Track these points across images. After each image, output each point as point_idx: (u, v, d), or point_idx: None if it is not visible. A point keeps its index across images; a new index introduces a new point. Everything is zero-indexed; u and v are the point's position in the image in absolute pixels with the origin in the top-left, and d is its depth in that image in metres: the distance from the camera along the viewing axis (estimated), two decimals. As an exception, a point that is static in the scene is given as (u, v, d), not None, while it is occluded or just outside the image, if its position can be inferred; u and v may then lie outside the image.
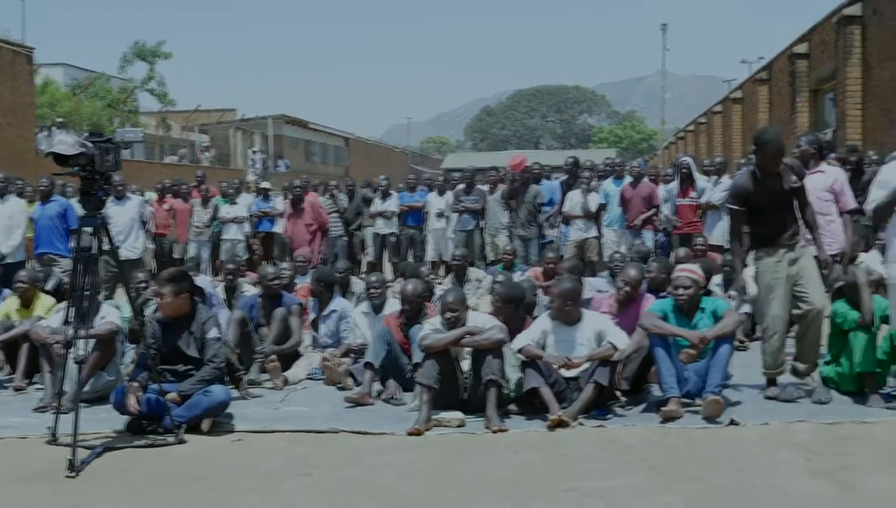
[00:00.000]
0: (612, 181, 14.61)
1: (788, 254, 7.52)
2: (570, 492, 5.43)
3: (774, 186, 7.52)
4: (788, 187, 7.51)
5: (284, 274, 10.15)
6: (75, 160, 6.28)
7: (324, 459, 6.28)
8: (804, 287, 7.46)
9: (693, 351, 7.13)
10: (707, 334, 7.18)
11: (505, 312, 8.10)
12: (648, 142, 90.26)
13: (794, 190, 7.55)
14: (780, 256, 7.52)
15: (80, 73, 45.61)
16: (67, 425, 6.26)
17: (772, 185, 7.52)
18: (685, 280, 7.55)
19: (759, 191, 7.55)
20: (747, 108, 32.07)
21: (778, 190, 7.51)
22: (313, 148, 58.62)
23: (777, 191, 7.51)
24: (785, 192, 7.54)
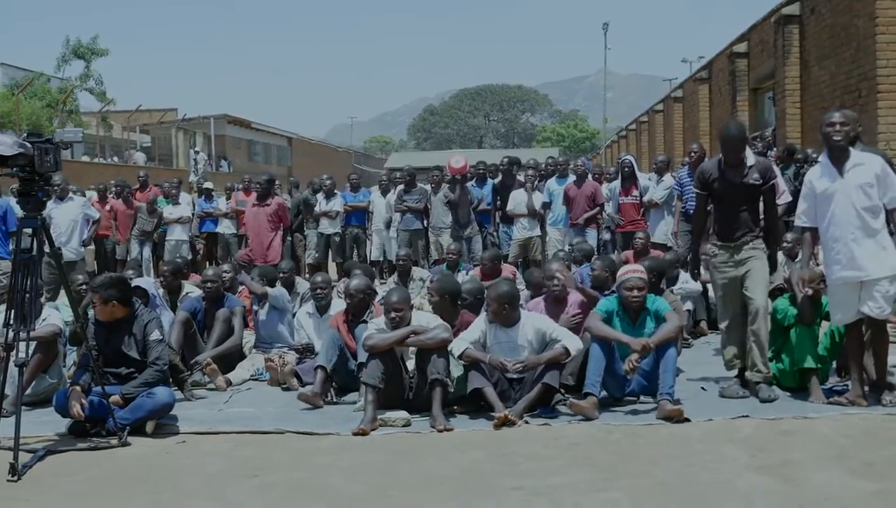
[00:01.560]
0: (556, 180, 14.69)
1: (736, 255, 7.58)
2: (516, 490, 5.45)
3: (734, 179, 7.58)
4: (749, 183, 7.56)
5: (225, 276, 10.08)
6: (14, 161, 6.19)
7: (269, 460, 6.26)
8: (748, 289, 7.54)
9: (636, 360, 7.16)
10: (650, 342, 7.18)
11: (440, 305, 8.13)
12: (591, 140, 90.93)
13: (756, 188, 7.59)
14: (729, 255, 7.60)
15: (19, 72, 44.90)
16: (9, 429, 6.17)
17: (732, 177, 7.59)
18: (638, 281, 7.54)
19: (720, 180, 7.64)
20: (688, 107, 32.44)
21: (737, 183, 7.57)
22: (256, 148, 58.29)
23: (736, 184, 7.58)
24: (746, 188, 7.58)
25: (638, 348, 7.14)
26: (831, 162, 7.20)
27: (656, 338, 7.22)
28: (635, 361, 7.14)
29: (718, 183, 7.65)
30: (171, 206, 16.92)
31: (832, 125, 7.14)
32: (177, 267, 10.92)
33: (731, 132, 7.66)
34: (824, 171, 7.25)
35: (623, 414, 7.23)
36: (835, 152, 7.18)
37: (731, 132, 7.66)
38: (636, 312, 7.58)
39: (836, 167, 7.17)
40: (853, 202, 7.05)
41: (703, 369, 8.61)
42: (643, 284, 7.56)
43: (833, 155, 7.20)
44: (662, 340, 7.21)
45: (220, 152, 49.89)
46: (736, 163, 7.60)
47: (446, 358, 7.26)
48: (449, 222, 14.61)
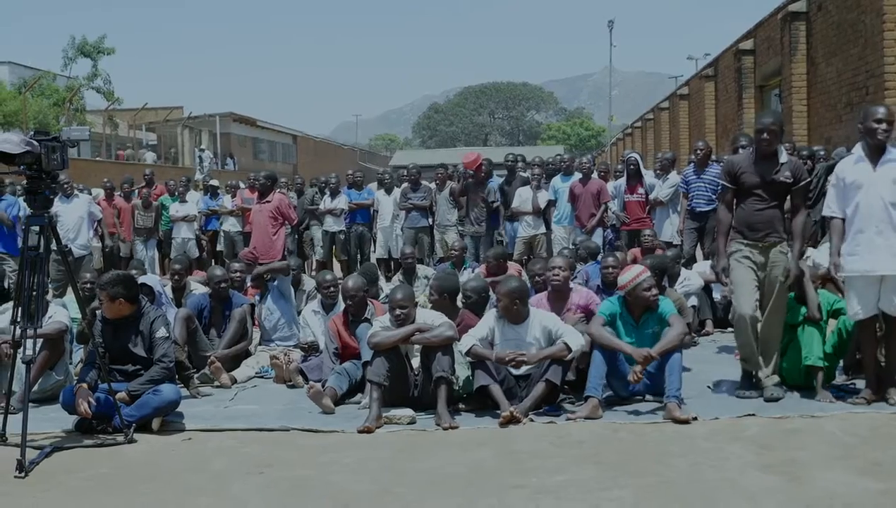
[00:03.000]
0: (561, 177, 14.67)
1: (762, 257, 7.46)
2: (521, 488, 5.46)
3: (765, 175, 7.44)
4: (780, 180, 7.42)
5: (236, 275, 10.12)
6: (21, 159, 6.22)
7: (274, 458, 6.27)
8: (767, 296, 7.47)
9: (640, 371, 7.12)
10: (653, 352, 7.13)
11: (440, 305, 8.15)
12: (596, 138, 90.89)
13: (786, 187, 7.46)
14: (754, 253, 7.47)
15: (27, 71, 44.96)
16: (16, 425, 6.21)
17: (763, 173, 7.45)
18: (650, 280, 7.51)
19: (749, 174, 7.50)
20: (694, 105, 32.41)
21: (767, 179, 7.43)
22: (261, 146, 58.33)
23: (767, 180, 7.44)
24: (775, 185, 7.45)
25: (640, 359, 7.12)
26: (867, 155, 7.17)
27: (659, 348, 7.17)
28: (639, 373, 7.12)
29: (748, 177, 7.49)
30: (178, 204, 16.96)
31: (879, 122, 7.07)
32: (184, 266, 10.97)
33: (767, 119, 7.53)
34: (858, 162, 7.20)
35: (628, 412, 7.23)
36: (874, 147, 7.15)
37: (767, 119, 7.53)
38: (639, 313, 7.56)
39: (870, 160, 7.14)
40: (882, 195, 7.00)
41: (708, 367, 8.62)
42: (655, 283, 7.58)
43: (871, 149, 7.16)
44: (666, 350, 7.17)
45: (226, 150, 49.93)
46: (769, 155, 7.47)
47: (451, 356, 7.27)
48: (454, 220, 14.60)
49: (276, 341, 9.75)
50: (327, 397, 7.49)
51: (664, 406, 7.07)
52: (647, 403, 7.45)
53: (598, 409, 7.06)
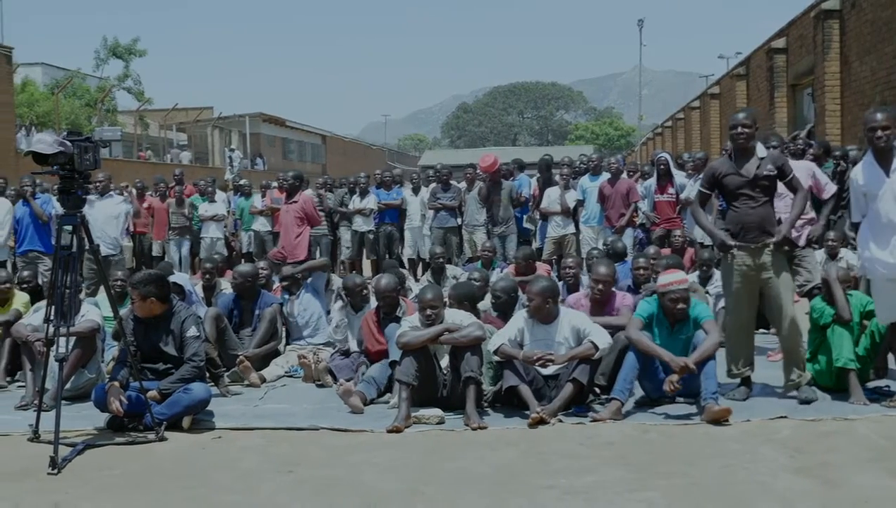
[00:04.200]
0: (589, 177, 14.63)
1: (757, 259, 7.37)
2: (550, 489, 5.45)
3: (747, 173, 7.38)
4: (763, 174, 7.35)
5: (261, 274, 10.16)
6: (54, 159, 6.29)
7: (304, 457, 6.29)
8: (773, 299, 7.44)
9: (677, 381, 7.05)
10: (689, 362, 7.05)
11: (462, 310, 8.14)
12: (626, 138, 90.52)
13: (772, 180, 7.39)
14: (748, 257, 7.38)
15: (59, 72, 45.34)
16: (49, 422, 6.26)
17: (744, 172, 7.40)
18: (683, 292, 7.41)
19: (731, 175, 7.44)
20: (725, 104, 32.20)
21: (750, 177, 7.37)
22: (290, 146, 58.55)
23: (750, 178, 7.37)
24: (760, 181, 7.37)
25: (678, 369, 7.06)
26: (877, 161, 7.12)
27: (696, 357, 7.10)
28: (676, 383, 7.07)
29: (731, 178, 7.43)
30: (207, 204, 17.05)
31: (873, 130, 7.04)
32: (215, 265, 11.02)
33: (741, 115, 7.51)
34: (868, 170, 7.15)
35: (658, 414, 7.20)
36: (880, 152, 7.10)
37: (740, 115, 7.51)
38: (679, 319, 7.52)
39: (881, 166, 7.08)
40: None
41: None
42: (687, 295, 7.45)
43: (878, 155, 7.11)
44: (702, 359, 7.11)
45: (255, 150, 50.16)
46: (747, 152, 7.41)
47: (480, 356, 7.26)
48: (483, 220, 14.62)
49: (306, 338, 9.76)
50: (356, 396, 7.50)
51: (699, 407, 7.03)
52: (678, 405, 7.41)
53: (620, 413, 7.04)
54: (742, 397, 7.47)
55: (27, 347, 8.15)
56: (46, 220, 12.40)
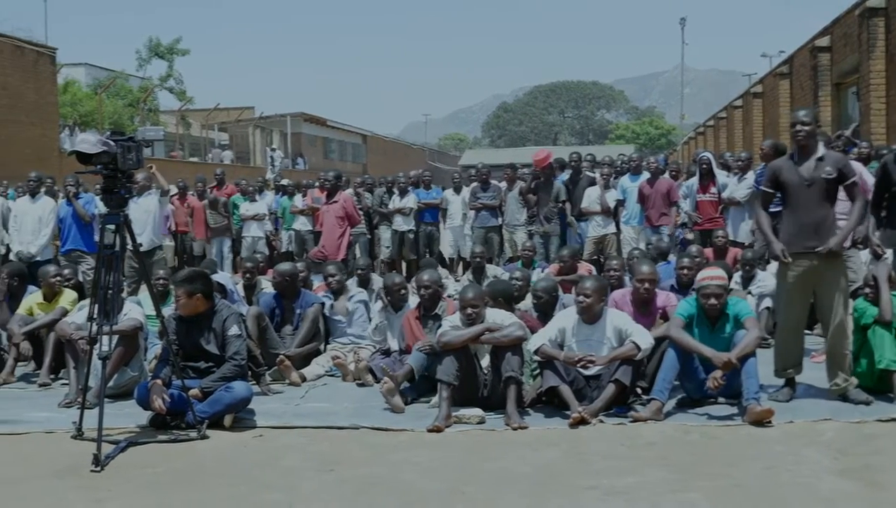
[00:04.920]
0: (629, 177, 14.55)
1: (814, 261, 7.26)
2: (591, 490, 5.43)
3: (805, 173, 7.24)
4: (822, 177, 7.19)
5: (301, 274, 10.19)
6: (98, 158, 6.34)
7: (344, 455, 6.31)
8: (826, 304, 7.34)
9: (721, 378, 6.98)
10: (733, 358, 6.99)
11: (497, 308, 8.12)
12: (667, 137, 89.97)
13: (831, 183, 7.22)
14: (800, 262, 7.29)
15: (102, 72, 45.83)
16: (92, 420, 6.34)
17: (803, 172, 7.25)
18: (716, 289, 7.35)
19: (790, 176, 7.31)
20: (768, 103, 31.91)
21: (807, 178, 7.22)
22: (331, 145, 58.75)
23: (807, 179, 7.23)
24: (818, 184, 7.22)
25: (720, 364, 7.00)
26: None
27: (738, 352, 7.04)
28: (720, 379, 7.00)
29: (789, 177, 7.31)
30: (248, 203, 17.14)
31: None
32: (256, 264, 11.06)
33: (801, 112, 7.39)
34: None
35: (700, 414, 7.14)
36: None
37: (801, 112, 7.39)
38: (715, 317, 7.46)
39: None
40: None
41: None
42: (722, 292, 7.37)
43: None
44: (745, 354, 7.05)
45: (296, 150, 50.38)
46: (807, 152, 7.28)
47: (521, 356, 7.25)
48: (523, 219, 14.59)
49: (350, 336, 9.74)
50: (398, 396, 7.51)
51: (741, 408, 6.97)
52: (720, 406, 7.35)
53: (661, 413, 7.00)
54: (785, 398, 7.39)
55: (71, 345, 8.24)
56: (89, 221, 12.52)
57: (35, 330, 9.06)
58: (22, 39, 29.09)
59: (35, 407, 7.89)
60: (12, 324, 9.12)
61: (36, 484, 5.80)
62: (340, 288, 9.89)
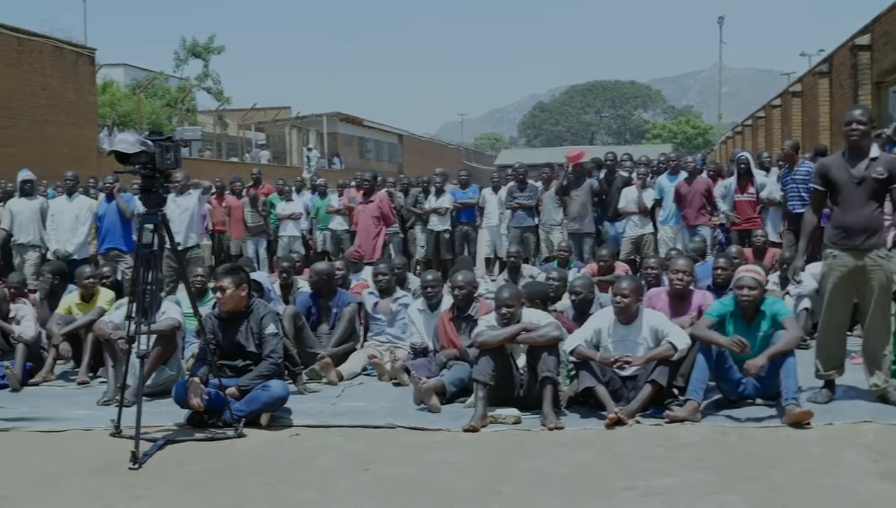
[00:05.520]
0: (667, 176, 14.46)
1: (859, 261, 7.18)
2: (628, 490, 5.40)
3: (856, 172, 7.14)
4: (872, 176, 7.08)
5: (337, 273, 10.22)
6: (136, 158, 6.39)
7: (381, 455, 6.32)
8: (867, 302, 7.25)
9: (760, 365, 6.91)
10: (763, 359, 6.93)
11: None
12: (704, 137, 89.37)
13: (881, 183, 7.10)
14: (845, 261, 7.21)
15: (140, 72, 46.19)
16: (130, 418, 6.39)
17: (854, 171, 7.15)
18: (750, 281, 7.32)
19: (840, 174, 7.21)
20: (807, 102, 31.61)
21: (858, 177, 7.12)
22: (367, 145, 58.86)
23: (858, 178, 7.12)
24: (868, 183, 7.11)
25: (735, 347, 6.98)
26: None
27: (773, 350, 6.98)
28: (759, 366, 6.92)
29: (839, 175, 7.21)
30: (285, 203, 17.20)
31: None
32: (293, 263, 11.10)
33: (856, 111, 7.29)
34: None
35: (738, 416, 7.08)
36: None
37: (856, 111, 7.29)
38: (750, 314, 7.39)
39: None
40: None
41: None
42: (755, 284, 7.32)
43: None
44: (778, 353, 6.99)
45: (333, 149, 50.54)
46: (860, 151, 7.17)
47: (557, 356, 7.23)
48: (560, 219, 14.56)
49: (388, 334, 9.74)
50: (434, 396, 7.51)
51: (779, 409, 6.91)
52: (757, 407, 7.29)
53: (697, 413, 6.95)
54: (825, 400, 7.32)
55: (109, 344, 8.32)
56: (130, 216, 12.62)
57: (74, 330, 9.14)
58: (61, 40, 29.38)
59: (74, 405, 7.98)
60: (51, 324, 9.21)
61: (75, 481, 5.85)
62: (388, 287, 9.92)
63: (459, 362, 8.00)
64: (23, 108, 26.16)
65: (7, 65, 25.71)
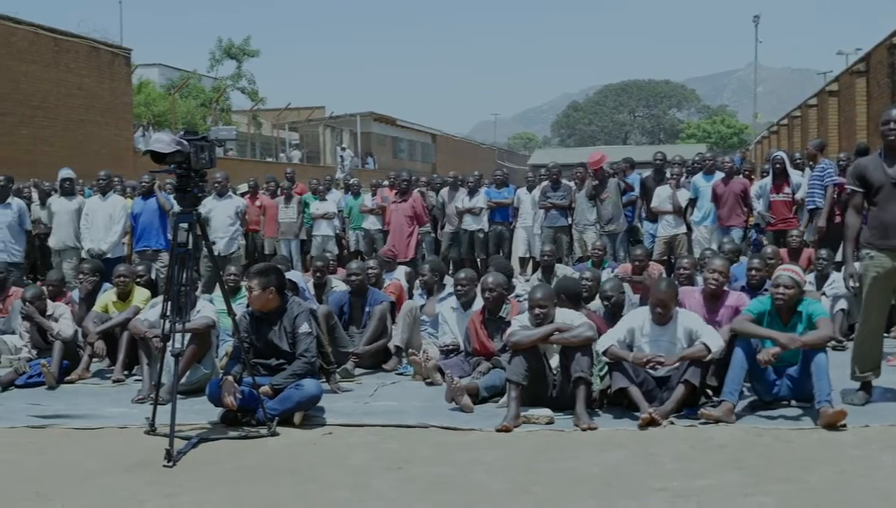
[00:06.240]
0: (703, 176, 14.35)
1: (894, 263, 7.13)
2: (661, 491, 5.37)
3: (892, 170, 7.10)
4: None
5: (371, 272, 10.25)
6: (171, 158, 6.43)
7: (413, 454, 6.32)
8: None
9: (776, 352, 6.90)
10: (798, 339, 6.92)
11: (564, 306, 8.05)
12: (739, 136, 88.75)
13: None
14: (883, 261, 7.16)
15: (175, 72, 46.51)
16: (165, 416, 6.43)
17: (890, 168, 7.12)
18: (787, 279, 7.24)
19: (877, 174, 7.16)
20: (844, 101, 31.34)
21: (893, 177, 7.08)
22: (401, 145, 58.92)
23: (892, 177, 7.08)
24: None
25: (784, 341, 6.90)
26: None
27: (805, 339, 6.95)
28: (772, 354, 6.89)
29: (875, 175, 7.16)
30: (318, 202, 17.25)
31: None
32: (326, 263, 11.15)
33: (892, 112, 7.19)
34: None
35: (772, 417, 7.03)
36: None
37: (891, 112, 7.20)
38: (786, 314, 7.31)
39: None
40: None
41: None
42: (792, 284, 7.24)
43: None
44: (811, 343, 6.94)
45: (366, 149, 50.64)
46: (894, 149, 7.10)
47: (590, 356, 7.20)
48: (593, 219, 14.51)
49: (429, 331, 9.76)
50: (467, 395, 7.50)
51: (813, 411, 6.84)
52: (791, 408, 7.24)
53: (732, 414, 6.90)
54: (861, 402, 7.26)
55: (144, 343, 8.38)
56: (169, 209, 12.70)
57: (109, 328, 9.22)
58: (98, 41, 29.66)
59: (109, 403, 8.05)
60: (87, 322, 9.29)
61: (110, 478, 5.90)
62: (432, 287, 9.94)
63: (494, 368, 8.00)
64: (59, 108, 26.42)
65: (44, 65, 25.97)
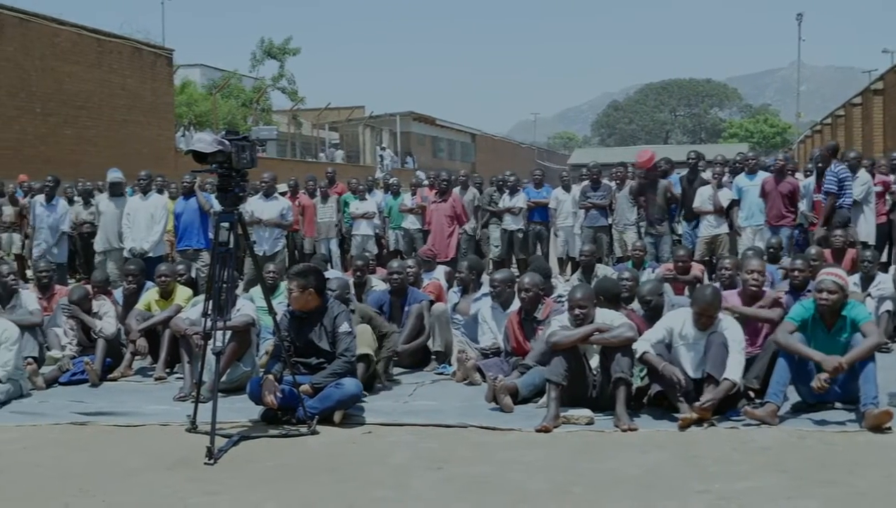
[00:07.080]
0: (745, 176, 14.21)
1: None
2: (702, 494, 5.33)
3: None
4: None
5: (409, 271, 10.25)
6: (213, 157, 6.47)
7: (453, 454, 6.32)
8: None
9: (825, 380, 6.77)
10: (843, 361, 6.76)
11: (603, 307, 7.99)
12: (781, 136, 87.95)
13: None
14: None
15: (216, 73, 46.85)
16: (206, 414, 6.46)
17: None
18: (830, 284, 7.09)
19: None
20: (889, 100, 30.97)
21: None
22: (440, 144, 59.00)
23: None
24: None
25: (830, 369, 6.77)
26: None
27: (849, 358, 6.80)
28: (825, 381, 6.78)
29: None
30: (358, 202, 17.29)
31: None
32: (366, 262, 11.18)
33: None
34: None
35: (816, 419, 6.95)
36: None
37: None
38: (830, 318, 7.18)
39: None
40: None
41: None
42: (835, 288, 7.09)
43: None
44: (858, 359, 6.81)
45: (406, 149, 50.75)
46: None
47: (631, 357, 7.15)
48: (633, 219, 14.42)
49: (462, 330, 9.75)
50: (507, 396, 7.48)
51: (858, 414, 6.75)
52: (836, 411, 7.14)
53: (776, 416, 6.82)
54: None
55: (185, 341, 8.44)
56: (208, 209, 12.80)
57: (151, 326, 9.29)
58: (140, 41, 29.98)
59: (151, 401, 8.12)
60: (130, 320, 9.38)
61: (151, 475, 5.95)
62: (469, 285, 9.94)
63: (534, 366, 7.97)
64: (103, 108, 26.72)
65: (88, 66, 26.27)
